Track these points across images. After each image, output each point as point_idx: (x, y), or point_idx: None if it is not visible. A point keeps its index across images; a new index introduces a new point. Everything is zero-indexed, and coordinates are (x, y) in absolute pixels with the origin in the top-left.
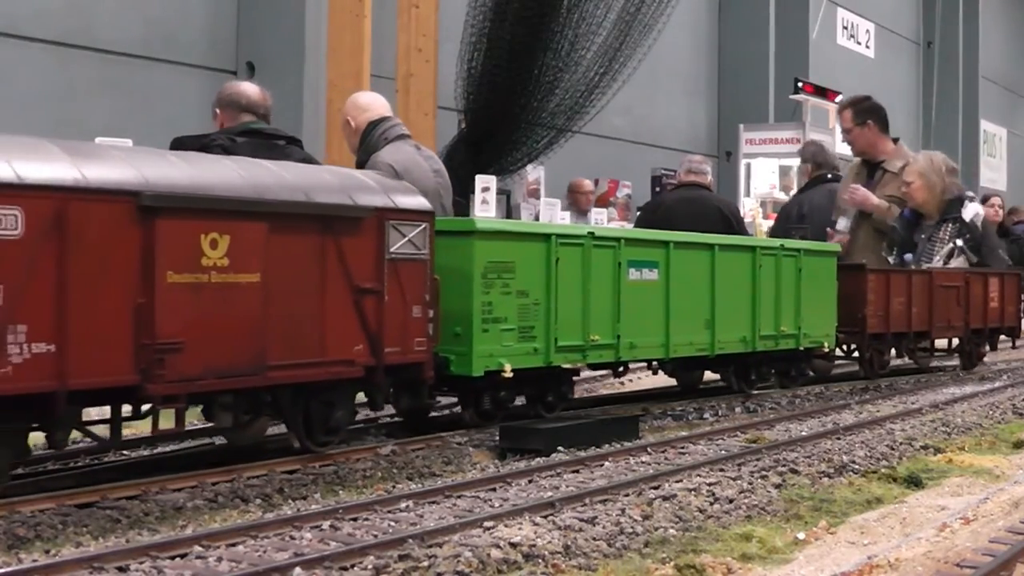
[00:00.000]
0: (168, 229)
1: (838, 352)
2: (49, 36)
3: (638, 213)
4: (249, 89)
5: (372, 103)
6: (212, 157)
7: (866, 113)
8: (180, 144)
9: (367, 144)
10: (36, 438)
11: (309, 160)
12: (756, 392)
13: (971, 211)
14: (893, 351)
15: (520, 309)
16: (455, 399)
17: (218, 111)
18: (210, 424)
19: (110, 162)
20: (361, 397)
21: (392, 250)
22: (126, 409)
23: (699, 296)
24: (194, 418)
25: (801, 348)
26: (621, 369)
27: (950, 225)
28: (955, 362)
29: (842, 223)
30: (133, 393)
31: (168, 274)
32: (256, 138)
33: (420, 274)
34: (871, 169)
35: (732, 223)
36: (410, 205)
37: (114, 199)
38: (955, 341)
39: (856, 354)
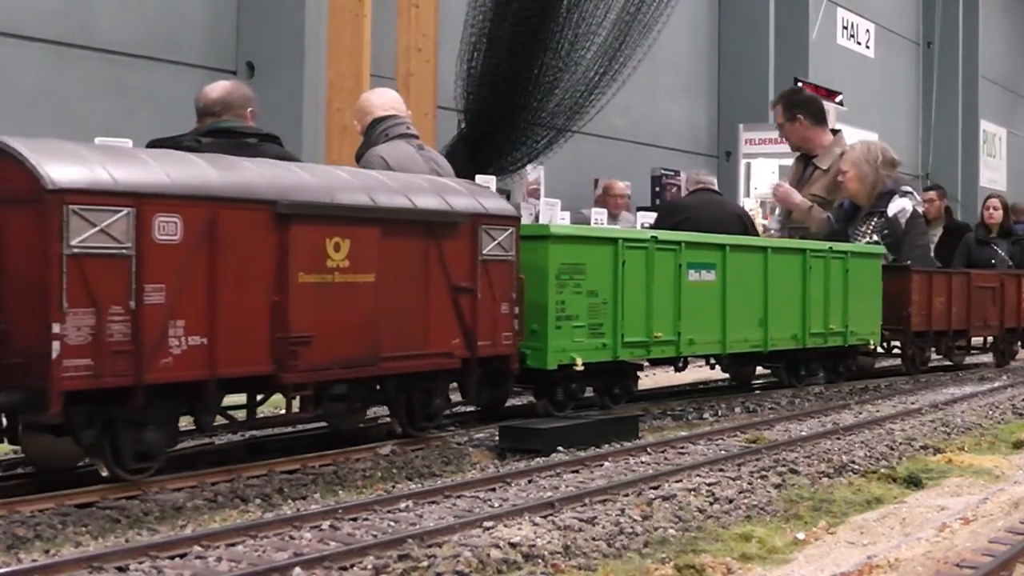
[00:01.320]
0: (299, 234)
1: (879, 349)
2: (49, 36)
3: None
4: (211, 91)
5: (385, 100)
6: (332, 169)
7: (796, 107)
8: (154, 146)
9: (368, 139)
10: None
11: (284, 157)
12: (757, 391)
13: (896, 206)
14: (933, 349)
15: (590, 307)
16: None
17: (197, 119)
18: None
19: (250, 174)
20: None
21: (484, 252)
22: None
23: (753, 296)
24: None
25: (848, 345)
26: (681, 364)
27: (875, 219)
28: (988, 359)
29: (772, 221)
30: (269, 381)
31: (299, 274)
32: (223, 137)
33: (508, 274)
34: (808, 164)
35: (747, 226)
36: (499, 210)
37: (255, 208)
38: (990, 339)
39: (897, 351)
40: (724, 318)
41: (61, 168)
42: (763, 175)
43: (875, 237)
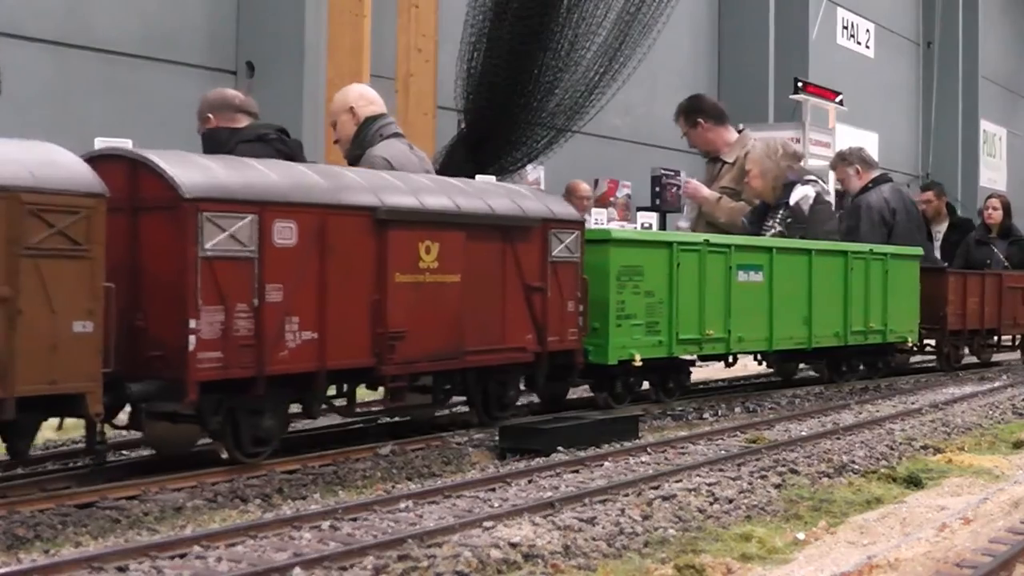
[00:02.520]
0: (396, 238)
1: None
2: (49, 36)
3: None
4: (235, 92)
5: (377, 98)
6: (419, 178)
7: (695, 113)
8: (214, 136)
9: (361, 138)
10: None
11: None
12: (759, 392)
13: (798, 194)
14: (967, 347)
15: (647, 307)
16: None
17: (211, 115)
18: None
19: (353, 184)
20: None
21: (553, 254)
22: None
23: (798, 295)
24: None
25: (887, 342)
26: (731, 360)
27: (781, 211)
28: (1012, 356)
29: (682, 220)
30: (368, 373)
31: (396, 275)
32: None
33: (574, 274)
34: (717, 163)
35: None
36: (566, 215)
37: (358, 214)
38: (1018, 338)
39: (929, 348)
40: (771, 317)
41: (195, 179)
42: None
43: (780, 228)
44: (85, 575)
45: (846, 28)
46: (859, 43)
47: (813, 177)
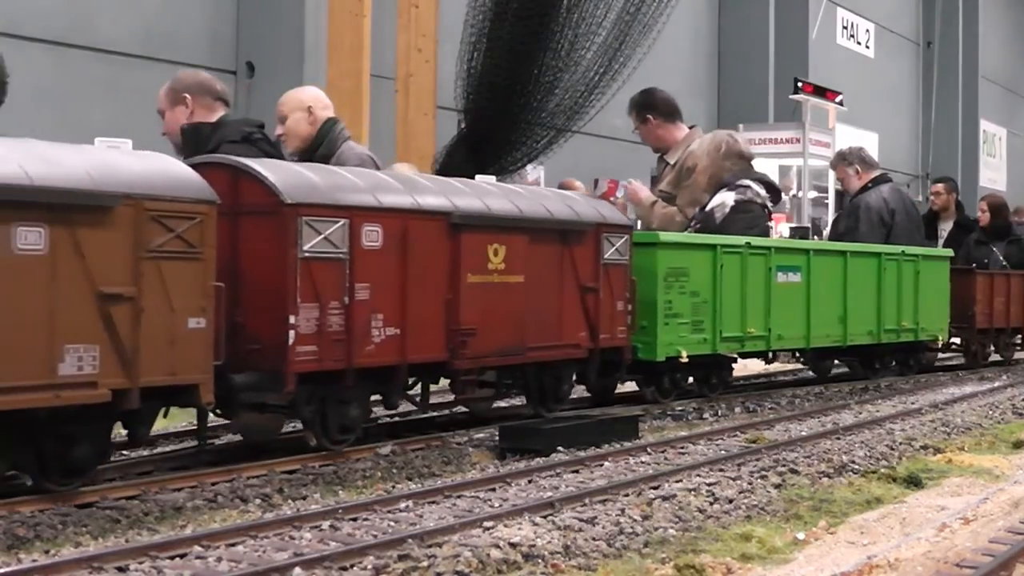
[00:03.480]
0: (468, 241)
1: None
2: (49, 36)
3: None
4: (211, 76)
5: (330, 103)
6: (484, 184)
7: (644, 109)
8: (197, 133)
9: (329, 138)
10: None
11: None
12: (759, 393)
13: (715, 200)
14: (992, 345)
15: (692, 306)
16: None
17: (188, 96)
18: (222, 423)
19: (428, 191)
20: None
21: (605, 256)
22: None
23: (834, 295)
24: (190, 419)
25: (919, 340)
26: (771, 356)
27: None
28: None
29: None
30: (442, 367)
31: (468, 275)
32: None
33: (623, 276)
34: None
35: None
36: (616, 220)
37: (435, 218)
38: None
39: (955, 346)
40: (808, 315)
41: (295, 186)
42: None
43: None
44: (85, 575)
45: (846, 28)
46: (859, 43)
47: (747, 182)
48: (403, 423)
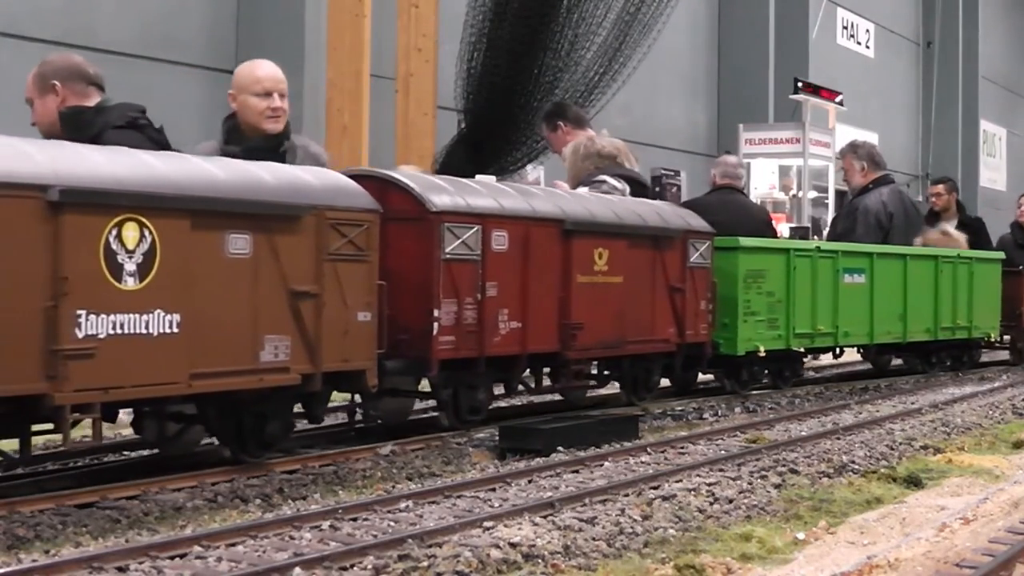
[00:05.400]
0: (578, 245)
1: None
2: (49, 36)
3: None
4: (83, 60)
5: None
6: (586, 194)
7: (554, 117)
8: (77, 118)
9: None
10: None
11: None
12: (759, 393)
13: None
14: None
15: (768, 305)
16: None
17: (56, 84)
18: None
19: (544, 199)
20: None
21: (691, 260)
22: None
23: (894, 295)
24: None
25: (972, 338)
26: (839, 352)
27: None
28: None
29: None
30: (554, 358)
31: (577, 276)
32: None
33: (706, 278)
34: None
35: (766, 228)
36: (700, 227)
37: (550, 225)
38: None
39: (997, 343)
40: (872, 314)
41: (437, 196)
42: (763, 175)
43: None
44: (85, 575)
45: (846, 28)
46: (859, 43)
47: (603, 177)
48: (403, 423)
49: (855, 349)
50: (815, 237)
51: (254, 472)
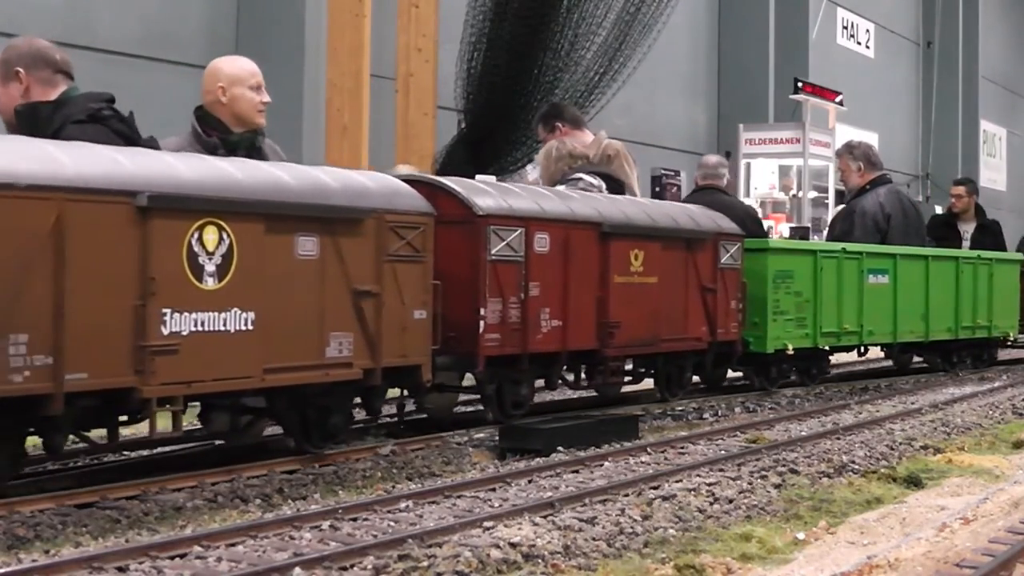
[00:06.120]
0: (615, 247)
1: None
2: (49, 36)
3: None
4: (49, 44)
5: None
6: (621, 199)
7: (552, 118)
8: (35, 114)
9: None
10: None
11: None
12: (759, 393)
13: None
14: None
15: (796, 305)
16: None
17: (20, 71)
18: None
19: (581, 203)
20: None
21: (721, 261)
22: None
23: (917, 295)
24: (192, 420)
25: (991, 337)
26: (863, 350)
27: None
28: None
29: None
30: (593, 355)
31: (614, 276)
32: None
33: (736, 278)
34: None
35: (748, 225)
36: (731, 230)
37: (589, 227)
38: None
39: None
40: (895, 313)
41: (483, 200)
42: (763, 175)
43: None
44: (85, 575)
45: (846, 28)
46: (859, 43)
47: (579, 175)
48: (401, 423)
49: (879, 348)
50: (815, 237)
51: (254, 472)
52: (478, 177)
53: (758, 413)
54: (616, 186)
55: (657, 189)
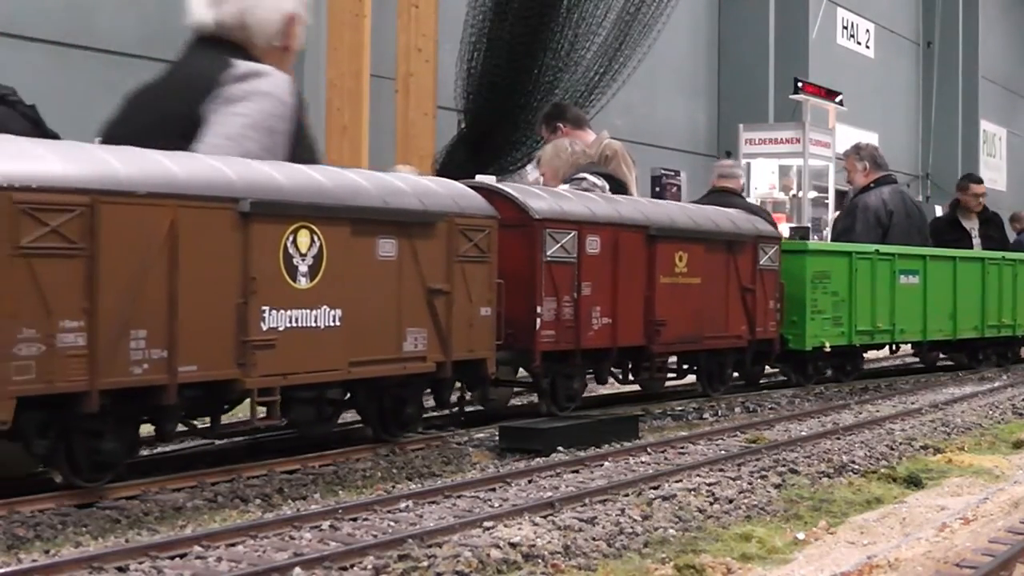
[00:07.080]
0: (661, 249)
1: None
2: (49, 36)
3: None
4: None
5: None
6: (665, 203)
7: (554, 119)
8: None
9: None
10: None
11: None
12: (759, 393)
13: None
14: None
15: (833, 304)
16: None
17: None
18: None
19: (628, 206)
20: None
21: (760, 263)
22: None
23: (945, 295)
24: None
25: (1016, 336)
26: (895, 348)
27: None
28: None
29: None
30: (640, 352)
31: (660, 277)
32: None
33: (774, 279)
34: None
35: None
36: (769, 232)
37: (636, 230)
38: None
39: None
40: (925, 312)
41: (538, 204)
42: (763, 175)
43: None
44: (85, 575)
45: (846, 28)
46: (859, 43)
47: (583, 174)
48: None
49: (909, 345)
50: (815, 237)
51: (254, 472)
52: (478, 177)
53: (758, 413)
54: (619, 187)
55: (657, 189)
